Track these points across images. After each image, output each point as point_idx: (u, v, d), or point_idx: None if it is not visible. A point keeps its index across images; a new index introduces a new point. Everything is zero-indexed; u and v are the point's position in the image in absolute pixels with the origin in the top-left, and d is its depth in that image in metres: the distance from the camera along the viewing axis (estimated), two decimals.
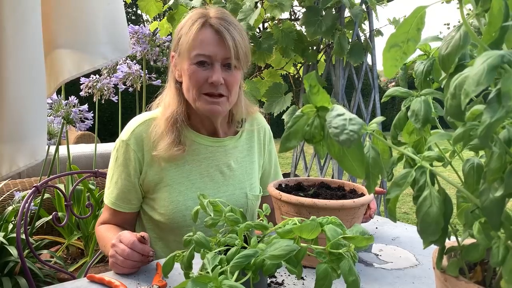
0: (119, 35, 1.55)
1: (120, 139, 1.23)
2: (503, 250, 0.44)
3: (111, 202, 1.23)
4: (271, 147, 1.45)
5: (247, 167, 1.33)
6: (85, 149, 3.66)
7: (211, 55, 1.14)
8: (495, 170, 0.41)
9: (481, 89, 0.37)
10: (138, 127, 1.22)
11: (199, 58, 1.14)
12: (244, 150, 1.34)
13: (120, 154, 1.21)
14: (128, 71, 2.57)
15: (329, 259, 0.71)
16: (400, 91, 0.60)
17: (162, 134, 1.19)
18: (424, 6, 0.51)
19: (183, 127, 1.22)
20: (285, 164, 7.43)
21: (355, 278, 0.69)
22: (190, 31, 1.15)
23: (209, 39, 1.15)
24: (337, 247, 0.71)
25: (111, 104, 3.23)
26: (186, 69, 1.17)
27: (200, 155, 1.25)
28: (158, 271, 0.96)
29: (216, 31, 1.15)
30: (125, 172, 1.21)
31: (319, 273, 0.70)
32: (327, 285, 0.70)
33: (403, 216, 4.66)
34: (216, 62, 1.15)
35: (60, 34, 1.46)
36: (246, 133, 1.36)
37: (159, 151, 1.18)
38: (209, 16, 1.17)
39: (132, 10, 21.87)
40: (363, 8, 2.32)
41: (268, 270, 0.70)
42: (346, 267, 0.69)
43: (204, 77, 1.15)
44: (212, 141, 1.27)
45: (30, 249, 1.38)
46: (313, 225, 0.72)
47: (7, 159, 1.32)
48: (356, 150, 0.49)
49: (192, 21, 1.17)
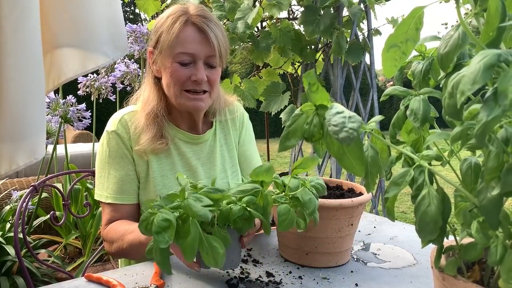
0: (119, 35, 1.58)
1: (106, 131, 1.22)
2: (501, 249, 0.44)
3: (111, 197, 1.19)
4: (247, 128, 1.45)
5: (226, 156, 1.35)
6: (83, 148, 3.65)
7: (194, 53, 1.15)
8: (493, 169, 0.41)
9: (477, 88, 0.37)
10: (124, 116, 1.23)
11: (183, 57, 1.15)
12: (221, 139, 1.36)
13: (112, 145, 1.20)
14: (126, 70, 2.57)
15: (291, 202, 0.86)
16: (399, 90, 0.60)
17: (143, 129, 1.20)
18: (422, 6, 0.51)
19: (164, 122, 1.23)
20: (283, 164, 7.43)
21: (311, 197, 0.85)
22: (173, 28, 1.15)
23: (192, 37, 1.15)
24: (295, 188, 0.86)
25: (109, 103, 3.22)
26: (168, 66, 1.17)
27: (181, 148, 1.27)
28: (155, 271, 0.96)
29: (199, 29, 1.15)
30: (123, 161, 1.20)
31: (280, 211, 0.84)
32: (289, 220, 0.83)
33: (401, 215, 4.67)
34: (199, 60, 1.16)
35: (62, 34, 1.48)
36: (219, 123, 1.37)
37: (142, 145, 1.19)
38: (189, 13, 1.17)
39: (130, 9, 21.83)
40: (361, 7, 2.32)
41: (235, 213, 0.83)
42: (301, 192, 0.86)
43: (187, 75, 1.16)
44: (191, 138, 1.29)
45: (28, 248, 1.38)
46: (265, 167, 0.88)
47: (6, 158, 1.32)
48: (355, 148, 0.49)
49: (173, 18, 1.16)
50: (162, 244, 0.75)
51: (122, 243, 1.10)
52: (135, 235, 1.06)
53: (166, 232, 0.76)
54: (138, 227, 0.80)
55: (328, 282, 0.94)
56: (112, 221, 1.20)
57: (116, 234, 1.13)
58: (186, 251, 0.78)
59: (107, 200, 1.20)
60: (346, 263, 1.05)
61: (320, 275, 0.97)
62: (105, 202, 1.20)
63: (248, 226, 0.88)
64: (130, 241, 1.08)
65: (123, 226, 1.14)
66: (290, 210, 0.84)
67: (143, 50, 2.41)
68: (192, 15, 1.16)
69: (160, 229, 0.76)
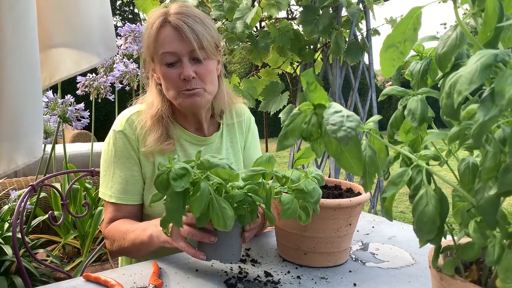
0: (109, 35, 1.62)
1: (113, 131, 1.22)
2: (499, 249, 0.44)
3: (115, 197, 1.19)
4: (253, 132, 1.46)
5: (232, 159, 1.36)
6: (81, 148, 3.65)
7: (175, 51, 1.15)
8: (490, 169, 0.41)
9: (474, 88, 0.37)
10: (131, 116, 1.23)
11: (166, 57, 1.16)
12: (227, 142, 1.37)
13: (118, 145, 1.20)
14: (125, 70, 2.57)
15: (294, 194, 0.88)
16: (397, 90, 0.60)
17: (149, 130, 1.20)
18: (420, 6, 0.51)
19: (169, 123, 1.24)
20: (282, 164, 7.43)
21: (315, 186, 0.88)
22: (151, 32, 1.17)
23: (170, 37, 1.15)
24: (297, 180, 0.89)
25: (107, 103, 3.22)
26: (159, 70, 1.19)
27: (187, 150, 1.27)
28: (154, 270, 0.96)
29: (175, 27, 1.15)
30: (128, 162, 1.20)
31: (284, 200, 0.86)
32: (293, 209, 0.85)
33: (399, 215, 4.67)
34: (183, 57, 1.16)
35: (56, 34, 1.50)
36: (226, 126, 1.37)
37: (148, 146, 1.19)
38: (168, 13, 1.17)
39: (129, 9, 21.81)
40: (360, 7, 2.32)
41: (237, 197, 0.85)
42: (304, 182, 0.88)
43: (177, 74, 1.16)
44: (198, 139, 1.29)
45: (26, 248, 1.38)
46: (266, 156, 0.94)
47: (5, 157, 1.32)
48: (354, 147, 0.49)
49: (152, 23, 1.18)
50: (179, 188, 0.79)
51: (123, 241, 1.11)
52: (137, 233, 1.07)
53: (182, 179, 0.80)
54: (153, 183, 0.83)
55: (326, 281, 0.94)
56: (114, 220, 1.20)
57: (118, 232, 1.14)
58: (194, 204, 0.80)
59: (110, 199, 1.20)
60: (345, 263, 1.05)
61: (319, 275, 0.97)
62: (108, 201, 1.21)
63: (251, 218, 0.89)
64: (132, 239, 1.08)
65: (125, 225, 1.14)
66: (293, 200, 0.86)
67: (142, 49, 2.41)
68: (170, 14, 1.17)
69: (177, 176, 0.80)
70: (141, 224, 1.10)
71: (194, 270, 0.99)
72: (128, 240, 1.09)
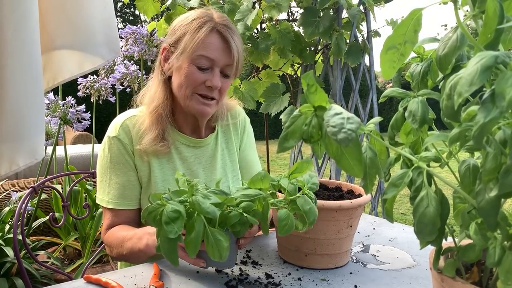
0: (113, 36, 1.62)
1: (108, 136, 1.22)
2: (500, 250, 0.44)
3: (112, 202, 1.20)
4: (248, 133, 1.47)
5: (227, 160, 1.36)
6: (82, 149, 3.65)
7: (214, 59, 1.16)
8: (491, 170, 0.41)
9: (474, 89, 0.37)
10: (125, 121, 1.23)
11: (203, 60, 1.16)
12: (223, 143, 1.37)
13: (113, 151, 1.20)
14: (126, 72, 2.57)
15: (290, 207, 0.87)
16: (397, 92, 0.61)
17: (146, 129, 1.21)
18: (421, 8, 0.51)
19: (167, 124, 1.24)
20: (282, 165, 7.42)
21: (311, 207, 0.85)
22: (199, 32, 1.16)
23: (216, 44, 1.17)
24: (294, 192, 0.88)
25: (108, 104, 3.22)
26: (184, 67, 1.17)
27: (183, 153, 1.28)
28: (155, 272, 0.96)
29: (224, 39, 1.17)
30: (124, 167, 1.20)
31: (281, 215, 0.84)
32: (289, 225, 0.84)
33: (400, 216, 4.67)
34: (217, 67, 1.18)
35: (59, 36, 1.50)
36: (221, 127, 1.38)
37: (143, 145, 1.19)
38: (215, 20, 1.18)
39: (130, 11, 21.85)
40: (360, 9, 2.32)
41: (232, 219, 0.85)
42: (301, 200, 0.86)
43: (203, 79, 1.17)
44: (193, 141, 1.29)
45: (27, 249, 1.38)
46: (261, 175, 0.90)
47: (6, 159, 1.33)
48: (354, 149, 0.49)
49: (200, 22, 1.17)
50: (172, 234, 0.77)
51: (121, 249, 1.11)
52: (133, 242, 1.07)
53: (175, 222, 0.78)
54: (145, 217, 0.82)
55: (327, 283, 0.94)
56: (113, 225, 1.21)
57: (116, 240, 1.15)
58: (189, 246, 0.80)
59: (108, 205, 1.20)
60: (346, 264, 1.05)
61: (319, 277, 0.97)
62: (106, 207, 1.21)
63: (246, 230, 0.90)
64: (129, 248, 1.09)
65: (122, 232, 1.15)
66: (290, 215, 0.85)
67: (143, 51, 2.42)
68: (218, 23, 1.18)
69: (170, 220, 0.78)
70: (137, 232, 1.09)
71: (195, 272, 0.99)
72: (126, 248, 1.10)
